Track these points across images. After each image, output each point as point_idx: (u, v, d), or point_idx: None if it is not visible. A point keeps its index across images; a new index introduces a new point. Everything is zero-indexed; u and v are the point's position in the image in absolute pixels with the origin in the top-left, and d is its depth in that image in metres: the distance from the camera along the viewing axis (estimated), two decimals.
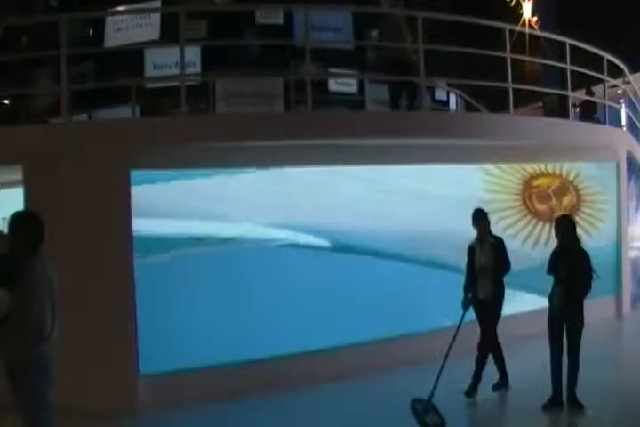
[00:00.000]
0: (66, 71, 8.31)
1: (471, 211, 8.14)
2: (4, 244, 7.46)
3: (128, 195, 7.75)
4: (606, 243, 11.90)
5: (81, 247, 7.51)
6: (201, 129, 8.19)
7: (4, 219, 10.25)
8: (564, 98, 13.39)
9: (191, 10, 10.97)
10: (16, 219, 5.26)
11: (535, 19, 23.37)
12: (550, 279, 7.44)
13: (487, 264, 7.97)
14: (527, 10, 23.26)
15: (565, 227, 7.44)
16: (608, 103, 13.07)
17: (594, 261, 7.42)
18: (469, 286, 7.99)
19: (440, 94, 14.87)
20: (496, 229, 8.66)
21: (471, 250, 8.11)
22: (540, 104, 19.00)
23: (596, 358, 8.46)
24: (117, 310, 7.65)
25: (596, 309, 10.76)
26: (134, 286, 7.72)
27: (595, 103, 14.51)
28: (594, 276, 7.36)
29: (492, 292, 7.94)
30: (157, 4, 12.97)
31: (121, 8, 13.15)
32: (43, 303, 4.97)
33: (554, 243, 7.68)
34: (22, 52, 14.57)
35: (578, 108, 15.51)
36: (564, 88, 11.84)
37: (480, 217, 8.12)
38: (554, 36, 12.55)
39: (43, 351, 5.04)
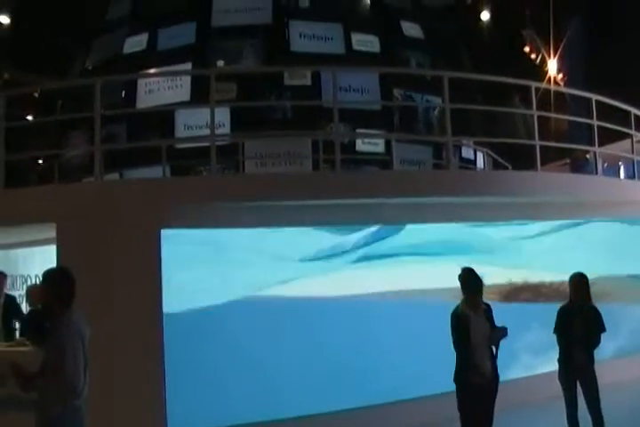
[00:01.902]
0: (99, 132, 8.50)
1: None
2: (38, 300, 7.53)
3: (159, 253, 7.82)
4: None
5: (111, 304, 7.56)
6: (230, 189, 8.29)
7: (36, 276, 10.45)
8: None
9: (221, 72, 11.20)
10: (48, 275, 5.35)
11: (561, 76, 23.60)
12: None
13: (485, 335, 6.74)
14: (552, 67, 23.50)
15: (580, 285, 7.50)
16: (636, 158, 13.02)
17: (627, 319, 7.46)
18: (469, 364, 6.69)
19: (467, 153, 14.96)
20: None
21: (464, 319, 6.73)
22: (568, 160, 18.99)
23: (632, 418, 8.31)
24: (146, 367, 7.64)
25: (633, 367, 10.67)
26: (163, 345, 7.73)
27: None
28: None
29: (492, 369, 6.82)
30: (188, 67, 13.24)
31: (153, 70, 13.49)
32: (75, 359, 5.00)
33: None
34: (57, 113, 14.99)
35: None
36: (592, 143, 11.84)
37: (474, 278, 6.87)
38: (580, 93, 12.61)
39: (75, 407, 5.05)
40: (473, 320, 6.73)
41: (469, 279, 6.83)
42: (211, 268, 8.17)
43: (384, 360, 8.83)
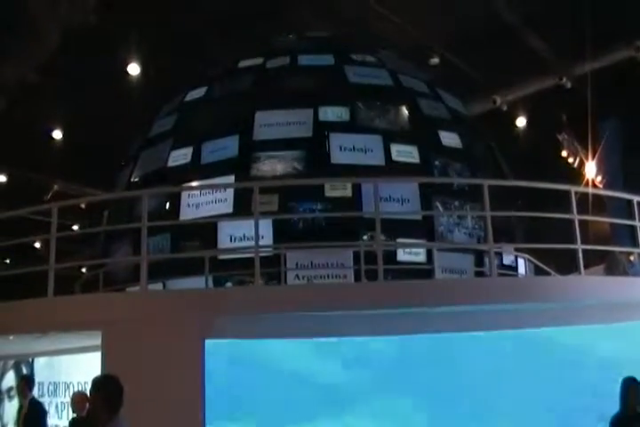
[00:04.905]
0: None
1: None
2: (82, 407, 7.51)
3: (202, 363, 7.84)
4: None
5: (154, 413, 7.53)
6: (273, 300, 8.35)
7: (79, 383, 10.45)
8: None
9: (264, 186, 11.40)
10: (96, 383, 5.40)
11: (599, 178, 23.55)
12: None
13: None
14: (591, 169, 23.48)
15: (636, 391, 7.25)
16: None
17: None
18: None
19: (508, 259, 14.89)
20: None
21: None
22: None
23: None
24: None
25: None
26: None
27: None
28: None
29: None
30: (231, 179, 13.49)
31: (196, 183, 13.80)
32: None
33: None
34: (103, 224, 15.34)
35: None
36: (635, 245, 11.75)
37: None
38: (621, 195, 12.59)
39: None
40: None
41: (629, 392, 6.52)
42: (255, 380, 8.15)
43: None
